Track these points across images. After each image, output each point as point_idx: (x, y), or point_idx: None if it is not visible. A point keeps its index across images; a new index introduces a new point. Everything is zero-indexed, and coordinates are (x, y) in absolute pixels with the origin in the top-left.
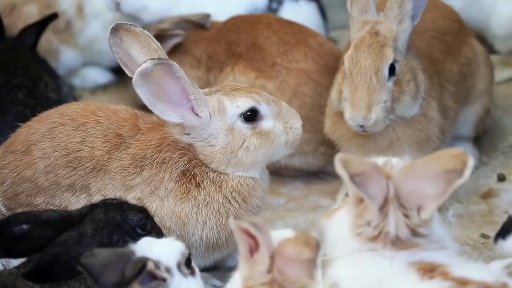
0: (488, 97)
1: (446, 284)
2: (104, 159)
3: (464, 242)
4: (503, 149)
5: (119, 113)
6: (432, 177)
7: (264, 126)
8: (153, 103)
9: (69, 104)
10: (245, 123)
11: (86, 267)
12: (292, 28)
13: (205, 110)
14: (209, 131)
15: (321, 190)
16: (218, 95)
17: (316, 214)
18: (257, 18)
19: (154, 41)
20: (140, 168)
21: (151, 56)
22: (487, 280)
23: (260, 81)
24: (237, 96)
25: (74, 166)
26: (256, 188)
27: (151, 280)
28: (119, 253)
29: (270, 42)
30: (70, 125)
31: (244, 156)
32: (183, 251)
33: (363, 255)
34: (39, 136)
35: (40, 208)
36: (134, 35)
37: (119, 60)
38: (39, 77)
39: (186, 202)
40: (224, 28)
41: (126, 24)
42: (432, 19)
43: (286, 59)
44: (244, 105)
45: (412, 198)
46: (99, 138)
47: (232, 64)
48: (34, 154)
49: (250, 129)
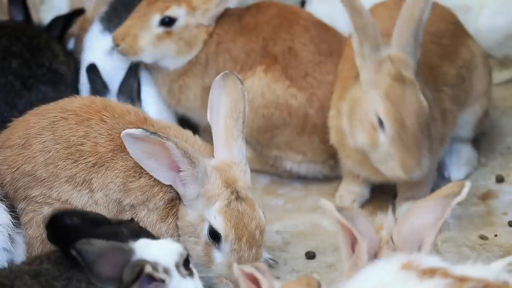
0: (487, 98)
1: (445, 281)
2: (108, 156)
3: (463, 244)
4: (501, 151)
5: (125, 116)
6: (430, 206)
7: (214, 253)
8: (143, 161)
9: (72, 99)
10: (208, 234)
11: (80, 253)
12: (327, 33)
13: (194, 189)
14: (190, 203)
15: (320, 191)
16: (224, 192)
17: (315, 215)
18: (294, 15)
19: (245, 102)
20: (139, 174)
21: (232, 116)
22: (487, 278)
23: (292, 91)
24: (223, 215)
25: (75, 158)
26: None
27: (150, 282)
28: (117, 247)
29: (306, 50)
30: (73, 119)
31: (190, 245)
32: (181, 252)
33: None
34: (39, 129)
35: (37, 201)
36: (234, 86)
37: (210, 100)
38: (47, 47)
39: (163, 224)
40: (262, 20)
41: (236, 75)
42: (428, 22)
43: (319, 70)
44: (216, 225)
45: (412, 237)
46: (103, 135)
47: (265, 65)
48: (34, 148)
49: (206, 239)
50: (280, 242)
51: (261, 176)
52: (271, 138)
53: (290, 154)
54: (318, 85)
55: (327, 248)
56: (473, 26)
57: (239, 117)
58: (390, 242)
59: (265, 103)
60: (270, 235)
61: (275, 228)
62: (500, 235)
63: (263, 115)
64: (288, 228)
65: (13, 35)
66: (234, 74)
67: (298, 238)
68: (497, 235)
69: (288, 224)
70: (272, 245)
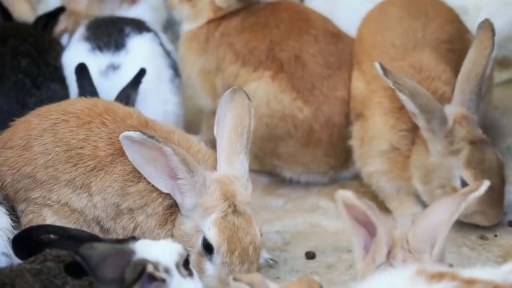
0: (489, 98)
1: (453, 284)
2: (107, 160)
3: (463, 244)
4: (501, 151)
5: (127, 120)
6: (446, 204)
7: (205, 264)
8: (141, 166)
9: (74, 101)
10: (201, 245)
11: (84, 258)
12: (337, 46)
13: (191, 199)
14: (186, 212)
15: (320, 191)
16: (222, 204)
17: (314, 215)
18: (306, 23)
19: (251, 117)
20: (138, 179)
21: (237, 131)
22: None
23: (299, 103)
24: (217, 227)
25: (75, 162)
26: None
27: (151, 281)
28: (118, 249)
29: (314, 61)
30: (74, 122)
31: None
32: (181, 252)
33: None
34: (40, 131)
35: (37, 203)
36: (241, 102)
37: (217, 115)
38: (51, 47)
39: (161, 230)
40: (273, 23)
41: (244, 92)
42: (441, 29)
43: (326, 84)
44: (210, 237)
45: (427, 235)
46: (103, 139)
47: (273, 71)
48: (35, 149)
49: (199, 250)
50: (280, 242)
51: (261, 176)
52: (274, 148)
53: (292, 165)
54: (324, 100)
55: (327, 248)
56: (470, 28)
57: (243, 132)
58: (404, 242)
59: (270, 113)
60: (270, 235)
61: (275, 228)
62: (500, 235)
63: (267, 125)
64: (288, 228)
65: (19, 35)
66: (241, 89)
67: (298, 238)
68: (497, 235)
69: (288, 224)
70: (272, 245)
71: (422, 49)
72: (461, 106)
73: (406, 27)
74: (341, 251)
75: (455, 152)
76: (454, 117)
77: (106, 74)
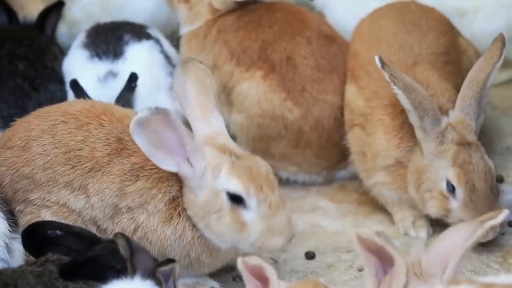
0: None
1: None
2: (104, 161)
3: None
4: (500, 151)
5: (124, 120)
6: (462, 229)
7: (244, 215)
8: (152, 152)
9: (73, 102)
10: (229, 201)
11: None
12: (330, 49)
13: (201, 163)
14: (198, 182)
15: (320, 192)
16: (223, 157)
17: (314, 215)
18: (300, 25)
19: (210, 78)
20: (136, 177)
21: (202, 93)
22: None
23: (288, 104)
24: (235, 176)
25: (73, 164)
26: (213, 255)
27: None
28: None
29: (305, 64)
30: (73, 123)
31: (214, 223)
32: None
33: None
34: (39, 132)
35: (35, 204)
36: (195, 68)
37: (175, 91)
38: (47, 48)
39: (167, 226)
40: (266, 23)
41: (195, 59)
42: (436, 42)
43: (317, 88)
44: (234, 188)
45: (439, 260)
46: (101, 140)
47: (264, 72)
48: (34, 150)
49: (230, 207)
50: None
51: None
52: (266, 148)
53: (286, 165)
54: (314, 102)
55: (327, 248)
56: (468, 30)
57: (209, 92)
58: (417, 265)
59: (261, 113)
60: None
61: None
62: (500, 235)
63: (258, 125)
64: None
65: (15, 38)
66: (192, 59)
67: (298, 238)
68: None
69: None
70: None
71: (421, 65)
72: (460, 112)
73: (402, 43)
74: (341, 251)
75: (443, 153)
76: (449, 120)
77: (105, 82)
